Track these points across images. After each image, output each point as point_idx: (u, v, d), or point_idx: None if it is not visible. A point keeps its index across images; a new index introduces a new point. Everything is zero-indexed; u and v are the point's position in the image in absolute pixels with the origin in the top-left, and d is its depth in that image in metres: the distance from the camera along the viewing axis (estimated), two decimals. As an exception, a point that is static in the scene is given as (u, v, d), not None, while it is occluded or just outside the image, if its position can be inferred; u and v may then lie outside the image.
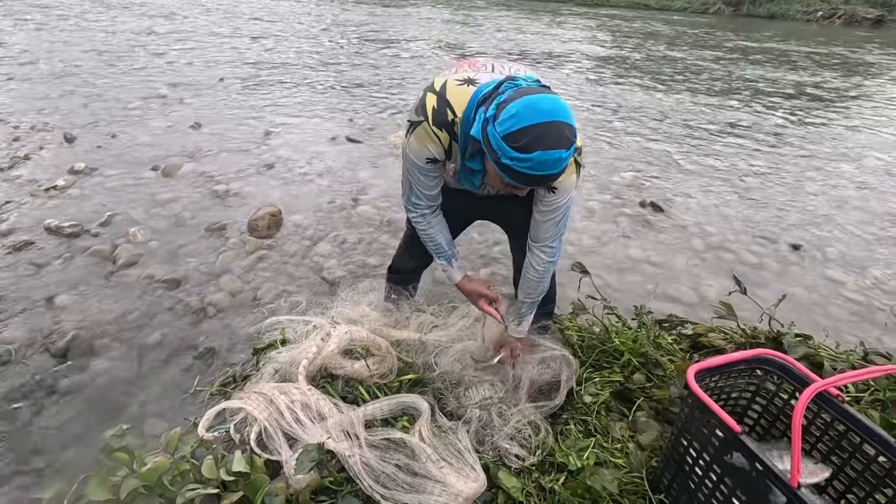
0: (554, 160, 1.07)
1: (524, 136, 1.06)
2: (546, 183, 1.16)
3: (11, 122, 4.29)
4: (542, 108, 1.07)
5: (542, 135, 1.06)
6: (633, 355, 1.76)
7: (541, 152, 1.06)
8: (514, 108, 1.07)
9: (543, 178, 1.12)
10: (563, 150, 1.07)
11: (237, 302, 2.34)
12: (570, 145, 1.09)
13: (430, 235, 1.54)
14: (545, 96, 1.09)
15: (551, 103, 1.08)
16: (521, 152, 1.07)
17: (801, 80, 8.07)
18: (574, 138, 1.10)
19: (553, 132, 1.06)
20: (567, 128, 1.08)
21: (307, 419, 1.53)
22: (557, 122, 1.07)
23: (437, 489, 1.31)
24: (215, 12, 11.45)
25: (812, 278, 2.78)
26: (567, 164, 1.13)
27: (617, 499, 1.28)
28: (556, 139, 1.06)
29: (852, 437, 1.10)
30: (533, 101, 1.07)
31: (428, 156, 1.33)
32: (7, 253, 2.56)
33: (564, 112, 1.09)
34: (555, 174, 1.12)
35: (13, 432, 1.67)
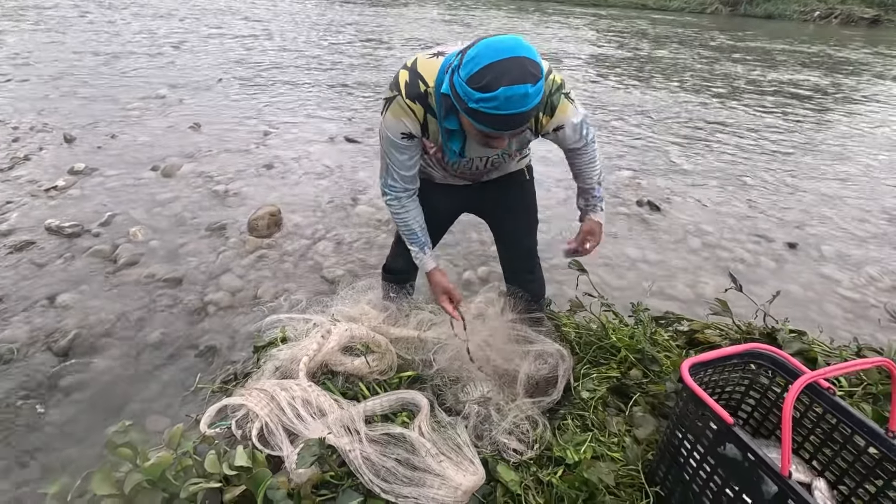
0: (520, 95, 1.04)
1: (486, 75, 1.04)
2: (518, 125, 1.12)
3: (11, 123, 4.30)
4: (501, 47, 1.05)
5: (505, 70, 1.03)
6: (629, 351, 1.78)
7: (504, 88, 1.03)
8: (473, 50, 1.08)
9: (513, 116, 1.08)
10: (529, 84, 1.04)
11: (237, 301, 2.36)
12: (537, 81, 1.06)
13: (404, 220, 1.55)
14: (505, 36, 1.08)
15: (511, 41, 1.07)
16: (485, 92, 1.05)
17: (797, 79, 8.11)
18: (541, 75, 1.07)
19: (515, 67, 1.04)
20: (531, 63, 1.06)
21: (308, 415, 1.55)
22: (519, 57, 1.05)
23: (436, 482, 1.33)
24: (213, 13, 11.46)
25: (808, 276, 2.81)
26: (539, 103, 1.13)
27: (613, 491, 1.30)
28: (520, 74, 1.04)
29: (843, 429, 1.12)
30: (492, 41, 1.07)
31: (403, 130, 1.35)
32: (8, 253, 2.57)
33: (527, 49, 1.07)
34: (525, 112, 1.08)
35: (16, 430, 1.68)
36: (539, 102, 1.11)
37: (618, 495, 1.30)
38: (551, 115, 1.36)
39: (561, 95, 1.34)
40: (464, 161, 1.48)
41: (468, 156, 1.45)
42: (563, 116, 1.37)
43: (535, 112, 1.13)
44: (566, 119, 1.39)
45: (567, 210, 3.40)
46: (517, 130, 1.17)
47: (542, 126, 1.39)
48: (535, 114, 1.18)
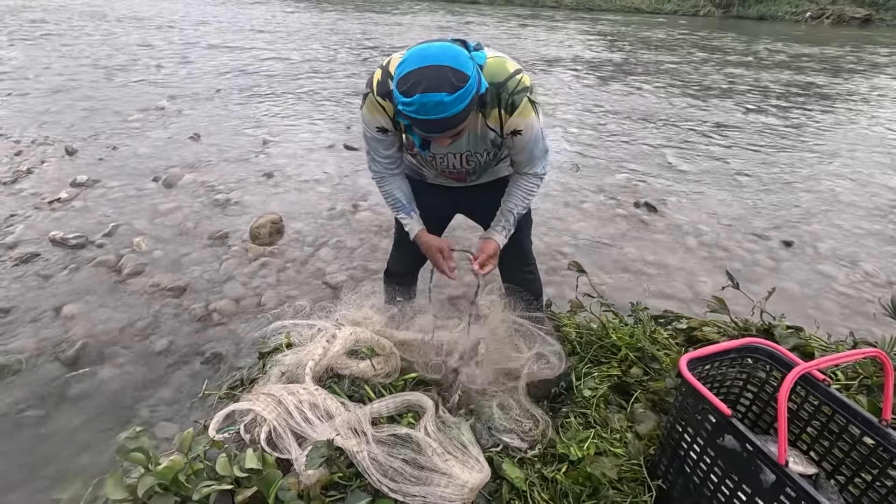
0: (434, 103, 1.09)
1: (409, 80, 1.11)
2: (440, 130, 1.17)
3: (13, 136, 4.34)
4: (426, 54, 1.11)
5: (423, 78, 1.09)
6: (630, 350, 1.81)
7: (419, 95, 1.09)
8: (405, 56, 1.14)
9: (431, 122, 1.13)
10: (445, 93, 1.09)
11: (241, 308, 2.39)
12: (455, 90, 1.10)
13: (388, 191, 1.60)
14: (435, 44, 1.13)
15: (439, 49, 1.12)
16: (405, 97, 1.11)
17: (791, 79, 8.19)
18: (462, 84, 1.11)
19: (432, 76, 1.09)
20: (452, 72, 1.10)
21: (315, 418, 1.57)
22: (439, 66, 1.09)
23: (443, 481, 1.36)
24: (212, 24, 11.55)
25: (804, 273, 2.85)
26: (464, 110, 1.14)
27: (616, 485, 1.33)
28: (436, 83, 1.09)
29: (838, 420, 1.15)
30: (421, 48, 1.13)
31: (377, 125, 1.41)
32: (14, 265, 2.60)
33: (451, 58, 1.11)
34: (442, 119, 1.12)
35: (27, 439, 1.71)
36: (463, 109, 1.14)
37: (621, 489, 1.33)
38: (510, 114, 1.33)
39: (525, 97, 1.32)
40: (439, 157, 1.50)
41: (432, 151, 1.47)
42: (521, 120, 1.34)
43: (460, 118, 1.16)
44: (525, 123, 1.35)
45: (568, 212, 3.44)
46: (444, 133, 1.20)
47: (504, 123, 1.36)
48: (463, 119, 1.17)
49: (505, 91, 1.30)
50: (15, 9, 12.27)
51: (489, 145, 1.48)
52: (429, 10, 17.20)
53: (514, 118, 1.34)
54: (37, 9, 12.53)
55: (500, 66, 1.31)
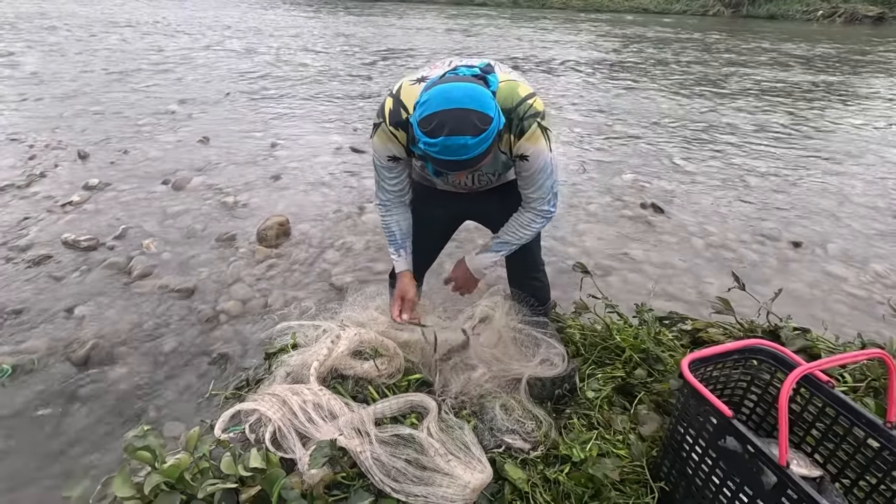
0: (458, 146, 1.13)
1: (433, 121, 1.13)
2: (461, 169, 1.20)
3: (27, 141, 4.43)
4: (450, 96, 1.13)
5: (447, 121, 1.11)
6: (634, 351, 1.81)
7: (444, 138, 1.12)
8: (426, 95, 1.15)
9: (453, 163, 1.17)
10: (469, 136, 1.12)
11: (248, 309, 2.41)
12: (479, 133, 1.13)
13: (387, 223, 1.63)
14: (459, 85, 1.15)
15: (462, 91, 1.13)
16: (430, 137, 1.14)
17: (802, 79, 8.11)
18: (486, 126, 1.13)
19: (457, 119, 1.11)
20: (476, 115, 1.12)
21: (319, 418, 1.58)
22: (464, 109, 1.12)
23: (445, 481, 1.36)
24: (222, 29, 11.68)
25: (813, 274, 2.82)
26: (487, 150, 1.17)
27: (619, 487, 1.33)
28: (460, 126, 1.11)
29: (843, 422, 1.14)
30: (444, 89, 1.14)
31: (389, 154, 1.43)
32: (27, 267, 2.65)
33: (475, 100, 1.13)
34: (466, 160, 1.16)
35: (38, 437, 1.74)
36: (486, 150, 1.17)
37: (623, 491, 1.32)
38: (519, 138, 1.34)
39: (535, 122, 1.32)
40: (450, 178, 1.52)
41: (448, 182, 1.51)
42: (529, 145, 1.34)
43: (482, 158, 1.19)
44: (533, 150, 1.35)
45: (574, 213, 3.44)
46: (464, 171, 1.24)
47: (512, 147, 1.37)
48: (483, 158, 1.20)
49: (516, 116, 1.31)
50: (30, 16, 12.51)
51: (500, 166, 1.50)
52: (436, 14, 17.26)
53: (522, 142, 1.34)
54: (51, 16, 12.75)
55: (511, 91, 1.32)
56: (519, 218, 1.55)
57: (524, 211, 1.54)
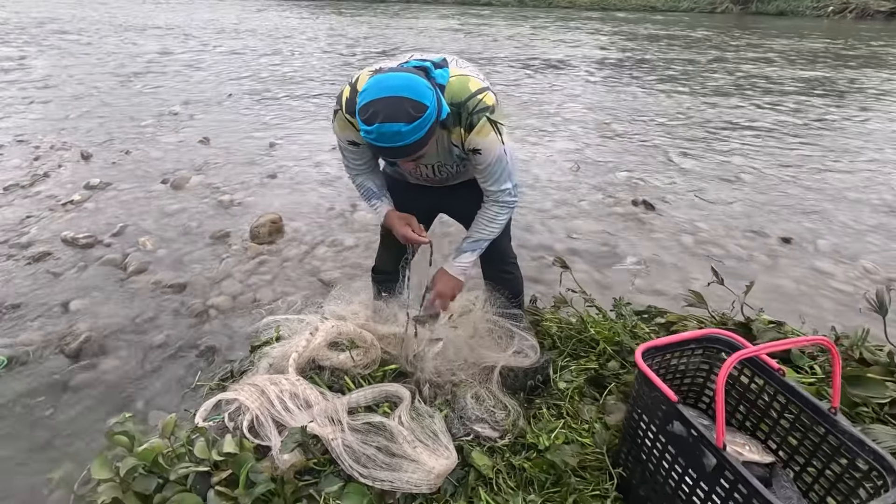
0: (392, 133, 1.16)
1: (369, 109, 1.17)
2: (399, 156, 1.25)
3: (33, 142, 4.54)
4: (386, 85, 1.17)
5: (381, 109, 1.16)
6: (608, 344, 1.83)
7: (379, 125, 1.16)
8: (367, 84, 1.20)
9: (390, 149, 1.22)
10: (403, 123, 1.15)
11: (238, 304, 2.47)
12: (412, 120, 1.16)
13: (360, 183, 1.66)
14: (396, 75, 1.19)
15: (398, 80, 1.17)
16: (366, 125, 1.18)
17: (808, 76, 8.03)
18: (420, 115, 1.16)
19: (391, 107, 1.15)
20: (410, 103, 1.16)
21: (295, 407, 1.63)
22: (398, 97, 1.16)
23: (411, 467, 1.40)
24: (226, 32, 11.84)
25: (801, 270, 2.81)
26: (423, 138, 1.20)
27: (580, 473, 1.36)
28: (394, 113, 1.15)
29: (792, 409, 1.16)
30: (382, 79, 1.19)
31: (348, 138, 1.48)
32: (27, 263, 2.73)
33: (410, 89, 1.17)
34: (403, 146, 1.20)
35: (30, 426, 1.81)
36: (420, 138, 1.20)
37: (584, 477, 1.35)
38: (469, 132, 1.37)
39: (483, 117, 1.34)
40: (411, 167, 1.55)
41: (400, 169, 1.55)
42: (479, 139, 1.37)
43: (418, 146, 1.22)
44: (483, 143, 1.38)
45: (565, 210, 3.46)
46: (404, 159, 1.28)
47: (463, 141, 1.40)
48: (422, 146, 1.23)
49: (465, 110, 1.35)
50: (42, 21, 12.77)
51: (456, 159, 1.53)
52: (441, 14, 17.31)
53: (472, 136, 1.37)
54: (62, 20, 13.01)
55: (462, 86, 1.35)
56: (485, 213, 1.59)
57: (488, 205, 1.57)
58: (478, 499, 1.33)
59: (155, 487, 1.34)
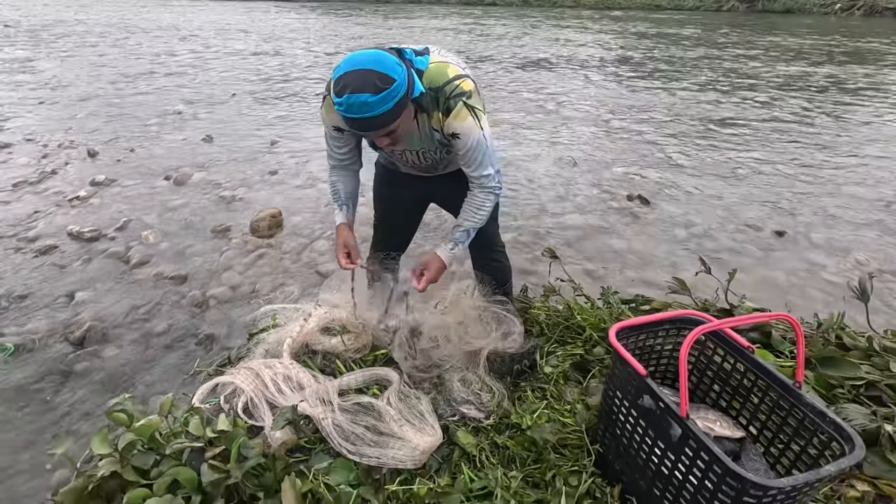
0: (360, 103, 1.20)
1: (340, 83, 1.23)
2: (369, 128, 1.28)
3: (41, 141, 4.64)
4: (356, 60, 1.23)
5: (351, 80, 1.21)
6: (594, 330, 1.88)
7: (347, 96, 1.21)
8: (340, 63, 1.26)
9: (359, 121, 1.25)
10: (369, 94, 1.19)
11: (237, 294, 2.54)
12: (379, 91, 1.20)
13: (333, 183, 1.76)
14: (367, 51, 1.25)
15: (368, 56, 1.23)
16: (337, 97, 1.23)
17: (811, 72, 8.01)
18: (386, 86, 1.20)
19: (359, 79, 1.20)
20: (377, 75, 1.20)
21: (288, 389, 1.69)
22: (366, 69, 1.20)
23: (397, 444, 1.45)
24: (231, 33, 11.95)
25: (793, 262, 2.84)
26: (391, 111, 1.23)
27: (560, 451, 1.40)
28: (361, 84, 1.19)
29: (761, 385, 1.20)
30: (354, 55, 1.25)
31: (334, 124, 1.54)
32: (34, 256, 2.82)
33: (378, 63, 1.21)
34: (370, 117, 1.23)
35: (37, 407, 1.88)
36: (388, 110, 1.23)
37: (564, 455, 1.40)
38: (447, 116, 1.41)
39: (461, 101, 1.38)
40: (398, 153, 1.61)
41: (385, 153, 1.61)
42: (457, 123, 1.41)
43: (387, 119, 1.25)
44: (461, 128, 1.42)
45: (560, 205, 3.50)
46: (375, 133, 1.33)
47: (442, 125, 1.44)
48: (391, 120, 1.26)
49: (442, 95, 1.40)
50: (50, 24, 12.95)
51: (438, 144, 1.57)
52: (445, 14, 17.37)
53: (450, 121, 1.42)
54: (69, 23, 13.19)
55: (439, 72, 1.40)
56: (471, 201, 1.63)
57: (474, 193, 1.62)
58: (460, 474, 1.38)
59: (152, 463, 1.40)
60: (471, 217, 1.67)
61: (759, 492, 0.91)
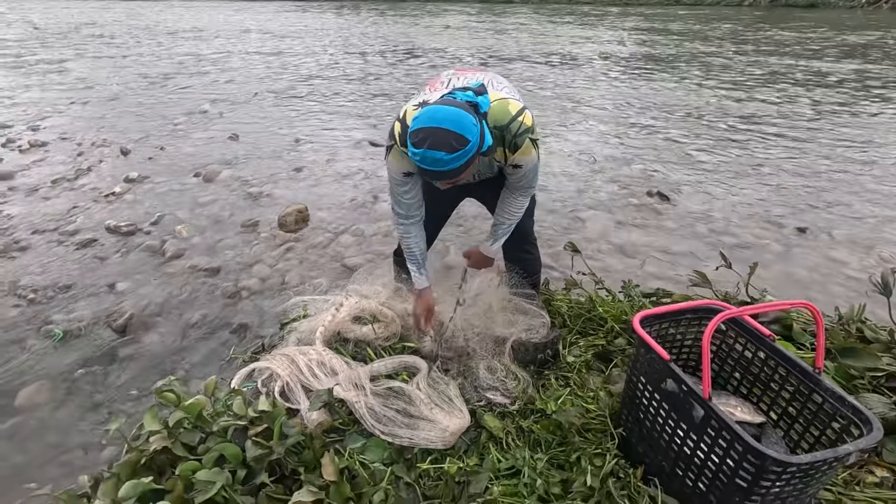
0: (434, 159, 1.31)
1: (417, 135, 1.32)
2: (441, 179, 1.39)
3: (76, 139, 4.82)
4: (435, 117, 1.32)
5: (428, 137, 1.30)
6: (615, 322, 1.93)
7: (424, 150, 1.31)
8: (420, 112, 1.35)
9: (432, 173, 1.35)
10: (444, 153, 1.29)
11: (267, 286, 2.63)
12: (453, 151, 1.30)
13: (407, 243, 1.80)
14: (446, 108, 1.32)
15: (447, 114, 1.31)
16: (414, 147, 1.33)
17: (835, 68, 7.87)
18: (461, 147, 1.30)
19: (436, 137, 1.29)
20: (454, 136, 1.30)
21: (322, 374, 1.78)
22: (443, 129, 1.30)
23: (427, 426, 1.53)
24: (255, 33, 12.16)
25: (815, 259, 2.84)
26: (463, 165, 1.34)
27: (584, 435, 1.46)
28: (437, 143, 1.29)
29: (781, 371, 1.24)
30: (434, 110, 1.33)
31: (404, 171, 1.61)
32: (76, 249, 2.96)
33: (457, 124, 1.30)
34: (442, 171, 1.34)
35: (85, 390, 1.99)
36: (459, 167, 1.34)
37: (588, 438, 1.46)
38: (513, 152, 1.52)
39: (527, 138, 1.50)
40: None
41: None
42: (523, 157, 1.53)
43: (457, 173, 1.36)
44: (525, 160, 1.55)
45: (580, 201, 3.54)
46: (443, 182, 1.44)
47: (506, 159, 1.55)
48: (460, 174, 1.37)
49: (508, 133, 1.49)
50: (81, 26, 13.32)
51: (495, 170, 1.70)
52: (462, 11, 17.39)
53: (516, 156, 1.53)
54: (100, 25, 13.55)
55: (502, 110, 1.49)
56: (511, 202, 1.72)
57: (512, 195, 1.70)
58: (488, 454, 1.45)
59: (199, 440, 1.49)
60: (508, 216, 1.77)
61: (778, 468, 0.96)
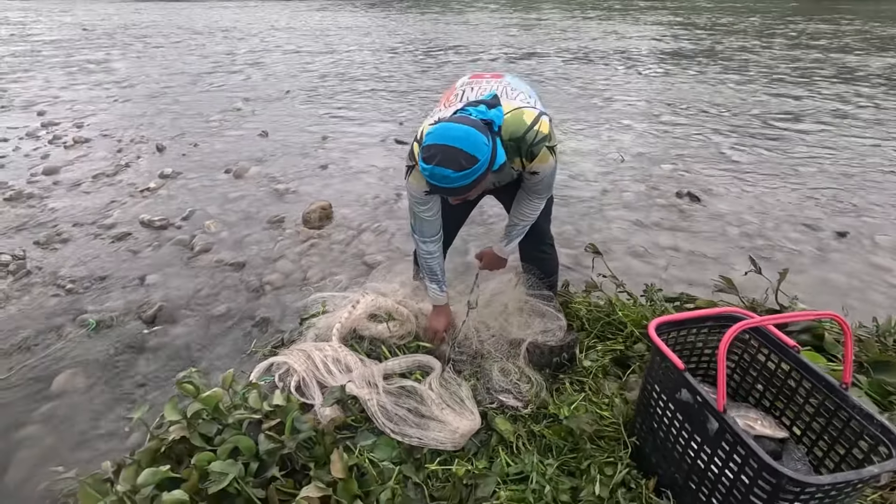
0: (443, 175, 1.32)
1: (428, 151, 1.34)
2: (450, 194, 1.40)
3: (116, 136, 5.03)
4: (447, 134, 1.32)
5: (437, 153, 1.32)
6: (635, 327, 1.88)
7: (433, 166, 1.32)
8: (433, 128, 1.35)
9: (441, 188, 1.37)
10: (452, 170, 1.30)
11: (289, 281, 2.68)
12: (461, 169, 1.31)
13: (428, 262, 1.81)
14: (459, 126, 1.32)
15: (459, 132, 1.32)
16: (425, 163, 1.35)
17: (875, 64, 7.44)
18: (469, 165, 1.31)
19: (446, 154, 1.30)
20: (464, 155, 1.30)
21: (337, 370, 1.80)
22: (454, 147, 1.30)
23: (438, 427, 1.53)
24: (288, 32, 12.40)
25: (854, 265, 2.70)
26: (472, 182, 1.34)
27: (596, 441, 1.43)
28: (447, 160, 1.30)
29: (805, 385, 1.18)
30: (446, 127, 1.33)
31: (425, 189, 1.61)
32: (111, 242, 3.08)
33: (467, 143, 1.31)
34: (450, 188, 1.35)
35: (115, 378, 2.08)
36: (467, 184, 1.35)
37: (600, 445, 1.43)
38: (530, 161, 1.52)
39: (543, 146, 1.49)
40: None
41: None
42: (540, 165, 1.54)
43: (465, 190, 1.37)
44: (543, 167, 1.55)
45: (606, 201, 3.47)
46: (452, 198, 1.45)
47: (524, 167, 1.56)
48: (468, 191, 1.38)
49: (524, 143, 1.48)
50: (124, 26, 13.88)
51: (514, 176, 1.70)
52: (492, 8, 17.28)
53: (534, 164, 1.53)
54: (141, 25, 14.09)
55: (516, 122, 1.48)
56: (526, 204, 1.71)
57: (528, 197, 1.69)
58: (497, 458, 1.44)
59: (215, 431, 1.53)
60: (524, 217, 1.76)
61: (796, 488, 0.92)
